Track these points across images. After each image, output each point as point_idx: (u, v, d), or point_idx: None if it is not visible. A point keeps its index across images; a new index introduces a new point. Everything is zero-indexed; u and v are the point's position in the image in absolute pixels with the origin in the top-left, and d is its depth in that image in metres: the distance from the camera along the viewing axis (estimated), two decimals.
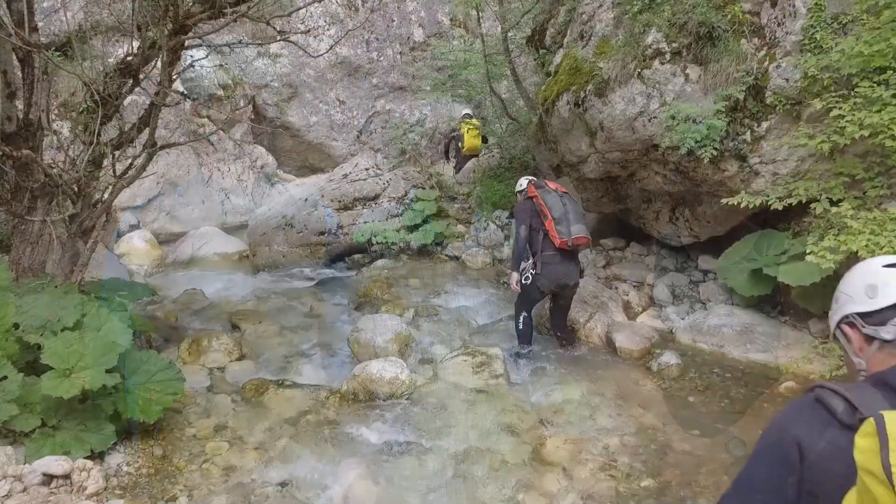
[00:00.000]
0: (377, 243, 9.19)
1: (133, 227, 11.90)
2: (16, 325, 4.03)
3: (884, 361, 1.37)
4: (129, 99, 7.01)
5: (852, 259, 3.84)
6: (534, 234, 5.47)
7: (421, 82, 15.18)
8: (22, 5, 5.19)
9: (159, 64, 5.18)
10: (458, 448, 4.32)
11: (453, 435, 4.47)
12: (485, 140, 12.33)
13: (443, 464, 4.18)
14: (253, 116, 14.47)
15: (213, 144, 11.57)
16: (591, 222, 8.27)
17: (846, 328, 1.47)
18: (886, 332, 1.37)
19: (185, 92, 12.11)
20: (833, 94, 4.43)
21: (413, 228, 9.42)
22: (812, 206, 4.62)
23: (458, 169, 12.42)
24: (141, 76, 4.72)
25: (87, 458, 3.82)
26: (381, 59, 16.45)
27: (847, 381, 1.42)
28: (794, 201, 4.74)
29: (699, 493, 3.79)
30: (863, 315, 1.42)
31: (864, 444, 1.14)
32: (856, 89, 4.29)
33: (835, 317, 1.51)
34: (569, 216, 5.31)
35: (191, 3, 4.99)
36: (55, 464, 3.63)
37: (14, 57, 5.19)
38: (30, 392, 3.80)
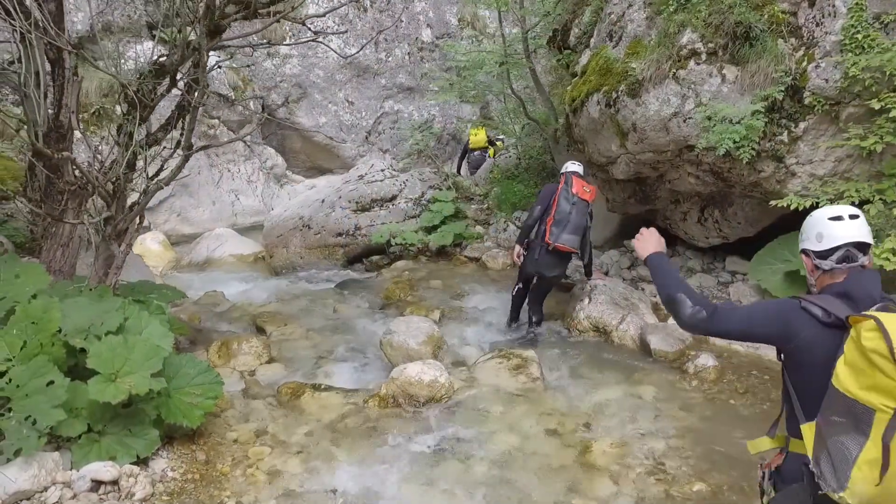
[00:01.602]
0: (396, 244, 9.15)
1: (145, 229, 11.83)
2: (58, 329, 3.97)
3: (825, 280, 2.17)
4: None
5: None
6: (543, 218, 5.84)
7: (430, 83, 15.16)
8: (52, 5, 5.16)
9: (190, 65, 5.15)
10: (503, 451, 4.28)
11: (496, 438, 4.43)
12: (492, 143, 12.45)
13: (489, 467, 4.14)
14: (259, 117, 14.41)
15: (248, 146, 11.49)
16: (615, 223, 8.25)
17: (804, 256, 2.26)
18: (826, 265, 2.15)
19: None
20: (892, 95, 4.40)
21: (431, 229, 9.38)
22: (865, 207, 4.60)
23: (471, 171, 12.46)
24: (178, 77, 4.66)
25: (132, 463, 3.78)
26: (390, 59, 16.42)
27: None
28: (846, 203, 4.72)
29: (754, 497, 3.74)
30: (814, 252, 2.18)
31: (870, 335, 1.77)
32: None
33: (800, 247, 2.29)
34: (567, 223, 5.68)
35: (225, 3, 4.93)
36: (103, 470, 3.59)
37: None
38: (75, 397, 3.74)
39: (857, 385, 1.80)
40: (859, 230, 2.12)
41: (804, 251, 2.23)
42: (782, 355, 2.18)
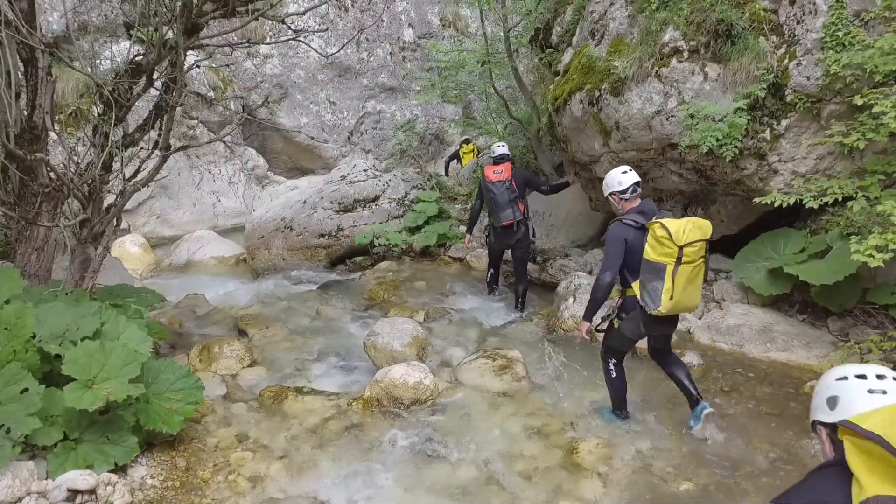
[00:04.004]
0: (379, 245, 9.08)
1: (123, 231, 11.67)
2: (32, 335, 3.87)
3: (626, 206, 4.04)
4: None
5: None
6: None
7: (413, 83, 15.10)
8: (24, 3, 5.04)
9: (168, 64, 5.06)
10: (490, 453, 4.24)
11: (483, 440, 4.39)
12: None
13: (475, 469, 4.10)
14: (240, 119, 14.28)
15: (229, 146, 11.34)
16: (598, 222, 8.25)
17: (612, 196, 4.10)
18: (626, 196, 4.03)
19: None
20: (874, 91, 4.41)
21: (415, 230, 9.33)
22: (848, 204, 4.61)
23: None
24: (154, 76, 4.56)
25: (110, 471, 3.69)
26: (372, 59, 16.34)
27: None
28: (829, 199, 4.73)
29: (741, 497, 3.74)
30: (618, 192, 4.04)
31: (656, 228, 3.73)
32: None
33: (605, 193, 4.14)
34: (495, 205, 6.54)
35: (203, 1, 4.85)
36: (80, 479, 3.50)
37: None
38: (51, 404, 3.65)
39: (656, 255, 3.72)
40: (635, 176, 4.03)
41: (612, 193, 4.07)
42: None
